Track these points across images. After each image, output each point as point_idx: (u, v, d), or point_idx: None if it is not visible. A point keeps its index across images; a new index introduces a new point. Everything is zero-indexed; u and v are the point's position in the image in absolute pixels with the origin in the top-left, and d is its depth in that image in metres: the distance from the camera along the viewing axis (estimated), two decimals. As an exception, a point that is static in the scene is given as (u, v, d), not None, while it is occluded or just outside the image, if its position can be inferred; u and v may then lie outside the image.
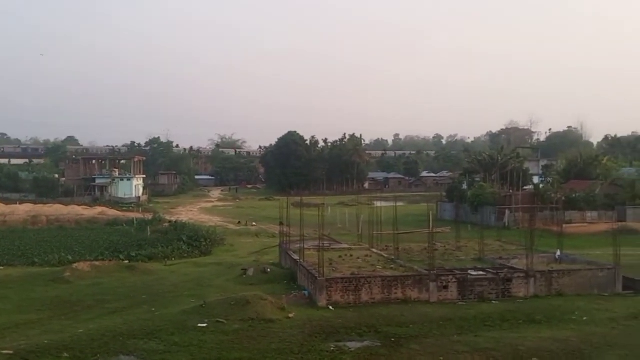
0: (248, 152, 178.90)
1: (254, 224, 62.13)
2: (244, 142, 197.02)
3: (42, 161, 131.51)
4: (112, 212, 67.21)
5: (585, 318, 19.81)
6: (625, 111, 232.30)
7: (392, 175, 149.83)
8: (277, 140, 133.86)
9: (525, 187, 66.43)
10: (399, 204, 43.64)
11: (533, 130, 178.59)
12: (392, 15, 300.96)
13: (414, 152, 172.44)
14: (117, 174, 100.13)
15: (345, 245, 34.03)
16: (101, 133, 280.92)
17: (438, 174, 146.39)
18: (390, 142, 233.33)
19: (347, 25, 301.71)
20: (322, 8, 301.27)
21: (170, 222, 56.80)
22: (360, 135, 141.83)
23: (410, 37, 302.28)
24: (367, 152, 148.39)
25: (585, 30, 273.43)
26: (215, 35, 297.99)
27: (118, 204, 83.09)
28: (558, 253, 27.83)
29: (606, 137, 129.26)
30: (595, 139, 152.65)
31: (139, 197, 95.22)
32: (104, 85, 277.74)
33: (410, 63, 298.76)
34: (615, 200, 57.46)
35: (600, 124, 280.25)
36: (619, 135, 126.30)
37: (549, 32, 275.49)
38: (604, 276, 24.34)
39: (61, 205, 70.20)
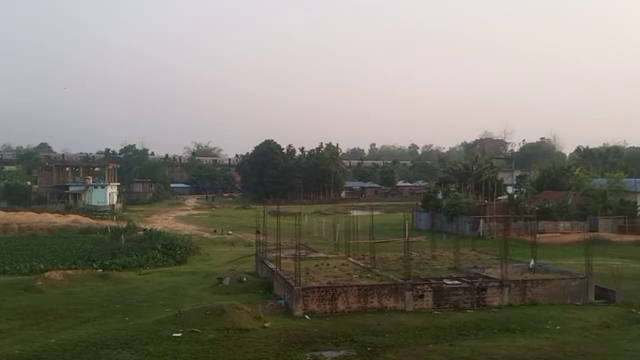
0: (224, 160, 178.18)
1: (230, 232, 61.78)
2: (220, 150, 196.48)
3: (14, 168, 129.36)
4: (85, 220, 66.27)
5: (558, 327, 20.07)
6: (597, 123, 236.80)
7: (368, 184, 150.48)
8: (254, 148, 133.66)
9: (499, 197, 67.22)
10: (376, 213, 43.89)
11: (507, 141, 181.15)
12: (372, 22, 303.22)
13: (389, 162, 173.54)
14: (90, 181, 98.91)
15: (322, 254, 34.03)
16: (75, 140, 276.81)
17: (414, 184, 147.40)
18: (366, 151, 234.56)
19: (326, 34, 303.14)
20: (300, 17, 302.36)
21: (144, 230, 56.17)
22: (337, 145, 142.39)
23: (387, 47, 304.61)
24: (343, 161, 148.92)
25: (557, 42, 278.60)
26: (190, 43, 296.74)
27: (92, 211, 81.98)
28: (532, 262, 28.16)
29: (578, 149, 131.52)
30: (568, 150, 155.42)
31: (113, 205, 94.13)
32: (78, 91, 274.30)
33: (385, 73, 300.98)
34: (587, 211, 58.43)
35: (572, 136, 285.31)
36: (590, 147, 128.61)
37: (523, 44, 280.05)
38: (577, 285, 24.68)
39: (33, 213, 68.99)
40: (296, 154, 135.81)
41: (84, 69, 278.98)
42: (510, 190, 75.67)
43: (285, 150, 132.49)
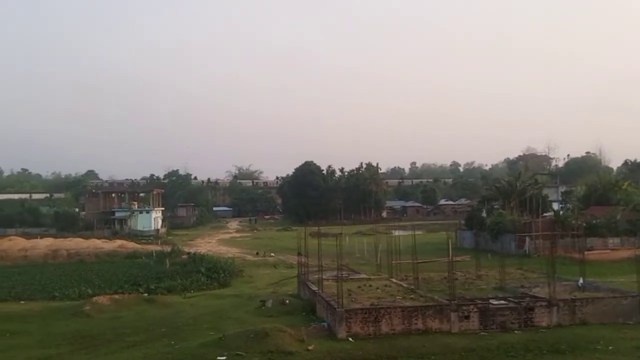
0: (265, 183, 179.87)
1: (272, 254, 62.03)
2: (261, 172, 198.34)
3: (62, 195, 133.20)
4: (131, 245, 67.65)
5: (610, 347, 19.42)
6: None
7: (409, 203, 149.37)
8: (294, 170, 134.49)
9: (544, 214, 65.73)
10: (418, 232, 43.45)
11: (551, 156, 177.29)
12: (404, 45, 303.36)
13: (431, 180, 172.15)
14: (136, 206, 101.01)
15: (364, 275, 33.84)
16: (121, 167, 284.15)
17: (456, 202, 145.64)
18: (407, 170, 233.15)
19: (359, 52, 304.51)
20: (332, 37, 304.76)
21: (188, 254, 56.95)
22: (377, 164, 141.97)
23: (424, 61, 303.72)
24: (384, 180, 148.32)
25: (600, 55, 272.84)
26: (229, 73, 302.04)
27: (137, 236, 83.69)
28: (580, 281, 27.41)
29: (626, 162, 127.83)
30: (615, 163, 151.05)
31: (158, 230, 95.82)
32: (122, 119, 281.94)
33: (423, 88, 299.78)
34: (637, 226, 56.53)
35: (619, 149, 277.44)
36: (638, 160, 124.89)
37: (566, 58, 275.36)
38: (628, 304, 23.88)
39: (81, 239, 70.90)
40: (336, 175, 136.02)
41: (131, 102, 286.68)
42: (556, 206, 74.04)
43: (325, 171, 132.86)
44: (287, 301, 29.38)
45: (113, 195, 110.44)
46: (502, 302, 24.08)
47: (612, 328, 22.06)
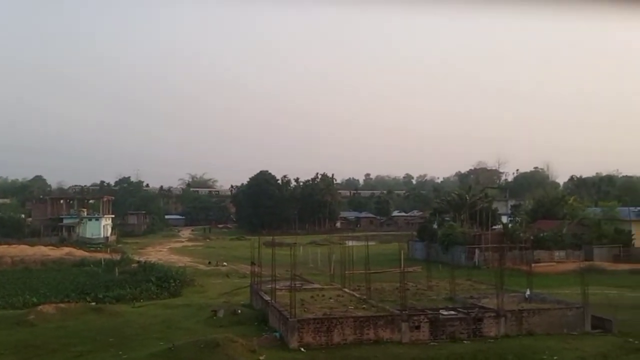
0: (219, 192, 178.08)
1: (224, 264, 61.41)
2: (215, 181, 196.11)
3: (7, 201, 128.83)
4: (79, 253, 65.91)
5: (555, 357, 19.97)
6: (590, 152, 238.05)
7: (363, 214, 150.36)
8: (248, 179, 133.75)
9: (494, 227, 67.28)
10: (371, 243, 43.80)
11: (501, 170, 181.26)
12: (358, 57, 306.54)
13: (384, 192, 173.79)
14: (85, 213, 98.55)
15: (317, 285, 33.90)
16: (70, 173, 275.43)
17: (409, 214, 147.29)
18: (361, 181, 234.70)
19: (315, 68, 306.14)
20: (290, 50, 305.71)
21: (138, 262, 55.87)
22: (332, 175, 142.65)
23: (378, 78, 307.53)
24: (338, 191, 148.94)
25: (548, 74, 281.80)
26: (185, 73, 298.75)
27: (86, 244, 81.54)
28: (528, 292, 28.12)
29: (572, 178, 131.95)
30: (562, 179, 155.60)
31: (108, 237, 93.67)
32: (73, 123, 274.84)
33: (379, 103, 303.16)
34: (582, 240, 58.49)
35: (565, 165, 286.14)
36: (584, 176, 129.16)
37: (514, 75, 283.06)
38: (573, 315, 24.62)
39: (27, 246, 68.58)
40: (291, 185, 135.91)
41: (79, 98, 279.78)
42: (505, 219, 75.74)
43: (280, 181, 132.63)
44: (239, 311, 29.15)
45: (61, 201, 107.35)
46: (452, 312, 24.50)
47: (557, 338, 22.68)
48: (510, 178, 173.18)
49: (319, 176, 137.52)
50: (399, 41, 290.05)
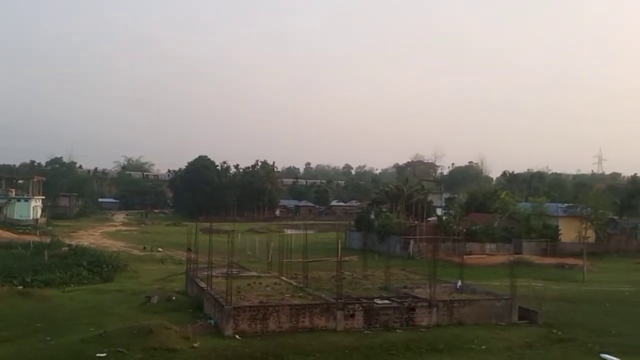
0: (156, 176, 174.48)
1: (159, 249, 60.37)
2: (152, 165, 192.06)
3: None
4: (6, 234, 63.27)
5: (483, 347, 20.64)
6: (522, 149, 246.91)
7: (303, 203, 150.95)
8: (187, 164, 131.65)
9: (429, 219, 68.85)
10: (309, 231, 43.93)
11: (437, 164, 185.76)
12: (304, 45, 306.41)
13: (324, 181, 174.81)
14: (13, 194, 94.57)
15: (255, 273, 33.79)
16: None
17: (347, 204, 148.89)
18: (301, 170, 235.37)
19: (264, 58, 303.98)
20: (233, 31, 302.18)
21: (69, 246, 54.14)
22: (273, 163, 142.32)
23: (320, 68, 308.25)
24: (278, 179, 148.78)
25: (489, 68, 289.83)
26: (123, 48, 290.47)
27: (14, 225, 78.25)
28: (459, 283, 28.91)
29: (504, 173, 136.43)
30: (495, 174, 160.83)
31: (37, 220, 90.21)
32: (3, 99, 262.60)
33: (319, 94, 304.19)
34: (512, 233, 60.64)
35: (498, 161, 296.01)
36: (515, 172, 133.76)
37: (456, 67, 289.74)
38: (501, 306, 25.50)
39: (-52, 226, 65.38)
40: (231, 171, 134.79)
41: (13, 74, 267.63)
42: (439, 212, 77.62)
43: (219, 167, 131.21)
44: (174, 298, 28.76)
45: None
46: (386, 301, 24.93)
47: (486, 328, 23.45)
48: (445, 172, 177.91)
49: (260, 163, 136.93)
50: (340, 27, 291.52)
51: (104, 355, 17.94)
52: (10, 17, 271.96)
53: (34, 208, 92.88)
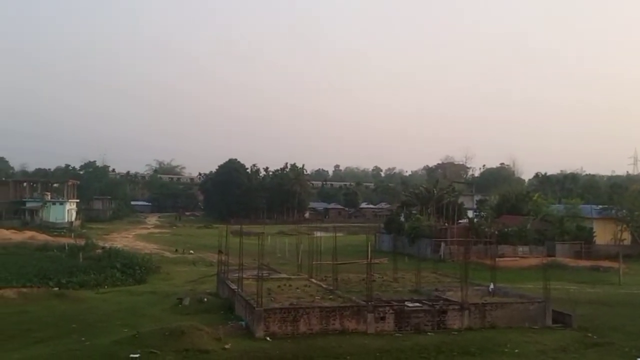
0: (187, 179, 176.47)
1: (191, 252, 61.03)
2: (183, 168, 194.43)
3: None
4: (42, 237, 64.67)
5: (516, 350, 20.35)
6: (554, 150, 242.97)
7: (332, 205, 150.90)
8: (217, 167, 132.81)
9: (460, 221, 68.19)
10: (339, 234, 43.95)
11: (468, 165, 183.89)
12: (333, 45, 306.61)
13: (353, 184, 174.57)
14: (49, 197, 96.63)
15: (285, 275, 33.91)
16: (33, 156, 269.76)
17: (377, 206, 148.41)
18: (330, 172, 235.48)
19: (289, 59, 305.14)
20: (265, 34, 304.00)
21: (103, 248, 55.11)
22: (303, 165, 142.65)
23: (349, 69, 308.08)
24: (308, 182, 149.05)
25: (515, 70, 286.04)
26: (155, 57, 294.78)
27: (49, 228, 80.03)
28: (491, 286, 28.56)
29: (536, 175, 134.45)
30: (527, 175, 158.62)
31: (72, 222, 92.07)
32: (37, 104, 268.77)
33: (350, 96, 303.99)
34: (544, 236, 59.67)
35: (531, 162, 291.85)
36: (548, 173, 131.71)
37: (482, 73, 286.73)
38: (535, 309, 25.11)
39: (-13, 229, 67.04)
40: (260, 174, 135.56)
41: (46, 79, 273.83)
42: (470, 214, 76.77)
43: (249, 170, 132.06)
44: (205, 299, 29.01)
45: (24, 184, 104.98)
46: (417, 304, 24.75)
47: (519, 332, 23.12)
48: (477, 173, 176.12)
49: (289, 166, 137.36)
50: (367, 32, 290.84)
51: (137, 356, 18.18)
52: (39, 24, 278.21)
53: (68, 211, 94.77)
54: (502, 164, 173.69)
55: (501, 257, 50.18)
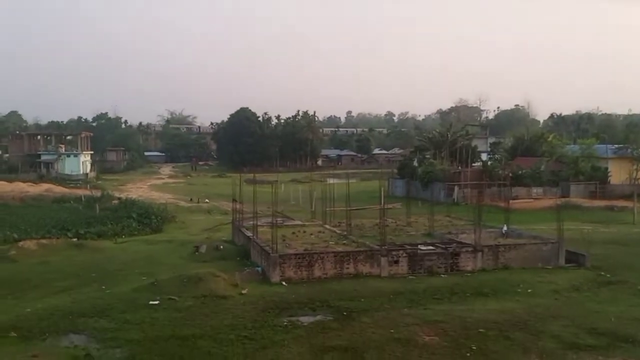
0: (199, 128, 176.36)
1: (206, 200, 61.58)
2: (195, 117, 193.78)
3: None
4: (58, 189, 65.41)
5: (529, 290, 20.57)
6: (570, 90, 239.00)
7: (344, 152, 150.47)
8: (229, 116, 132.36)
9: (473, 164, 67.89)
10: (352, 180, 44.09)
11: (482, 108, 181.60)
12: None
13: (366, 130, 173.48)
14: (63, 150, 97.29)
15: (299, 222, 34.21)
16: (46, 108, 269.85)
17: (390, 151, 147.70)
18: (342, 119, 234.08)
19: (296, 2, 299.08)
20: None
21: (119, 199, 55.76)
22: (314, 113, 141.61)
23: (360, 14, 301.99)
24: (320, 129, 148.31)
25: (532, 10, 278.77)
26: (163, 14, 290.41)
27: (65, 180, 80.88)
28: (504, 228, 28.67)
29: (551, 116, 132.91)
30: (541, 117, 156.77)
31: (87, 174, 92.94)
32: (49, 58, 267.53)
33: (361, 41, 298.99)
34: (559, 177, 59.37)
35: (546, 103, 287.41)
36: (563, 114, 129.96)
37: (496, 12, 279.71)
38: (548, 250, 25.25)
39: (5, 182, 67.80)
40: (272, 122, 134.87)
41: (55, 33, 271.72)
42: (484, 157, 76.31)
43: (260, 118, 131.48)
44: (221, 247, 29.43)
45: (38, 137, 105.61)
46: (430, 247, 24.98)
47: (532, 272, 23.34)
48: (491, 116, 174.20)
49: (301, 113, 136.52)
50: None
51: (156, 302, 18.62)
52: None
53: (83, 163, 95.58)
54: (516, 105, 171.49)
55: (515, 199, 50.11)
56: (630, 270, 23.78)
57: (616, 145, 66.88)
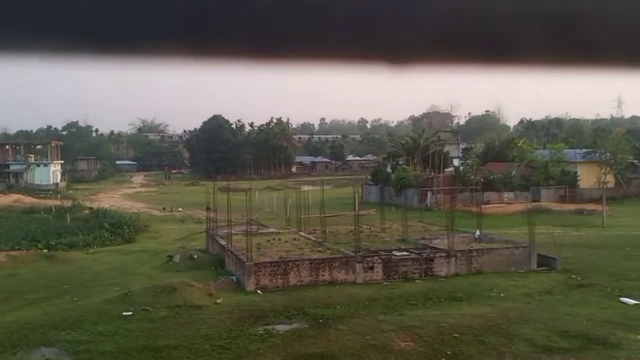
0: (171, 136, 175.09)
1: (179, 209, 61.07)
2: (167, 125, 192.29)
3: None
4: (28, 200, 64.27)
5: (502, 294, 20.83)
6: (539, 96, 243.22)
7: (318, 159, 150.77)
8: (201, 124, 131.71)
9: (446, 170, 68.52)
10: (326, 187, 44.10)
11: (453, 114, 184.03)
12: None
13: (339, 136, 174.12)
14: (32, 159, 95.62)
15: (273, 230, 34.14)
16: (14, 117, 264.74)
17: (363, 158, 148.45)
18: (316, 126, 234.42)
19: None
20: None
21: (91, 209, 54.92)
22: (287, 120, 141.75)
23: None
24: (294, 136, 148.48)
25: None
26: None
27: (35, 191, 79.45)
28: (477, 233, 28.97)
29: (521, 121, 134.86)
30: (512, 122, 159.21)
31: (57, 184, 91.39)
32: (17, 67, 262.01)
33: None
34: (530, 181, 60.27)
35: (516, 109, 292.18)
36: (533, 119, 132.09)
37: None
38: (520, 254, 25.59)
39: (-28, 194, 66.50)
40: (246, 130, 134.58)
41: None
42: (456, 162, 77.11)
43: (234, 126, 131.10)
44: (196, 256, 29.20)
45: (7, 147, 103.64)
46: (405, 253, 25.12)
47: (505, 276, 23.61)
48: (462, 122, 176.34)
49: (274, 121, 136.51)
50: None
51: (130, 313, 18.39)
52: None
53: (53, 172, 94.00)
54: (487, 111, 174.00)
55: (487, 204, 50.71)
56: (600, 272, 24.22)
57: (584, 150, 68.19)
